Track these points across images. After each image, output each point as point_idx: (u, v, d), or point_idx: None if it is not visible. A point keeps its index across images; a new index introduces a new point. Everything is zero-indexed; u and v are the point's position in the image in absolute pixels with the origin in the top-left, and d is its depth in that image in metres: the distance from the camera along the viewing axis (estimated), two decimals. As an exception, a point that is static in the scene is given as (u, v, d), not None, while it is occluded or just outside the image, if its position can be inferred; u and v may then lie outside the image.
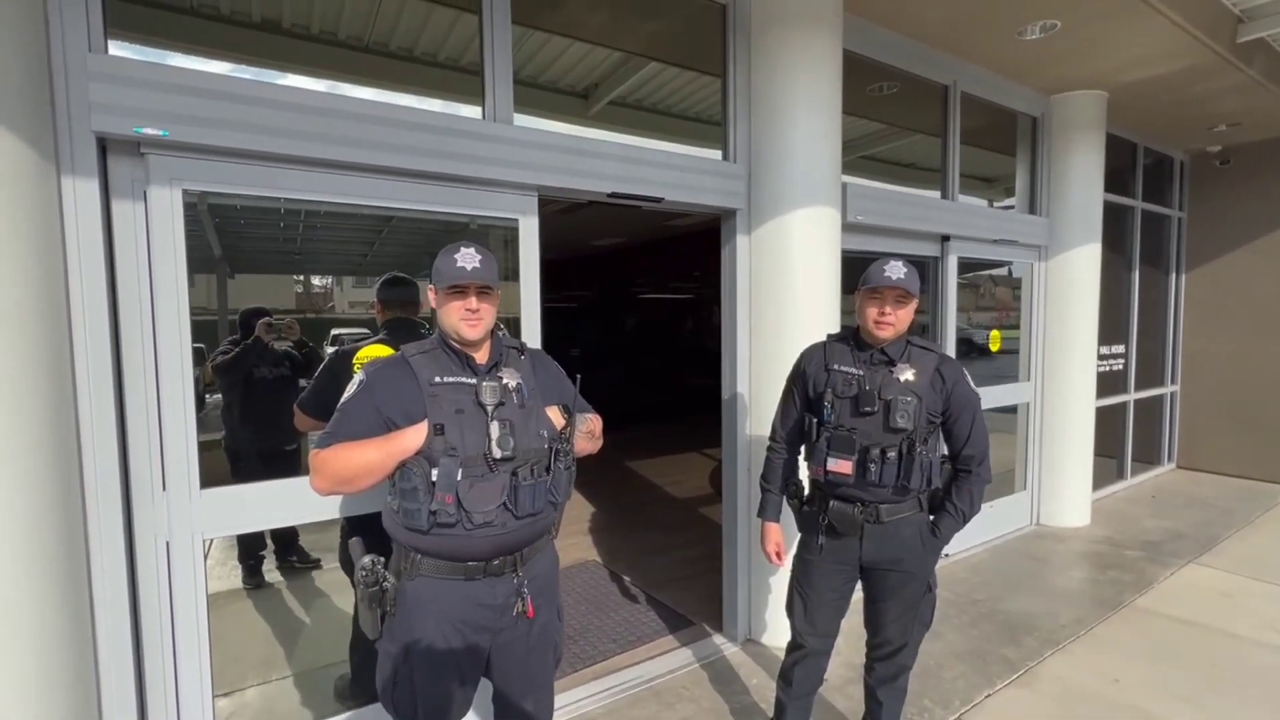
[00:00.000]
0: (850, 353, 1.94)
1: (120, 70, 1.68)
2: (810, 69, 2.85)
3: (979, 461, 1.89)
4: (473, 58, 2.38)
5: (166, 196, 1.78)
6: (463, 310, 1.45)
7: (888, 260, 1.86)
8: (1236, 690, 2.66)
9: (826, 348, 2.01)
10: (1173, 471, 6.28)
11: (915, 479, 1.83)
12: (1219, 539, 4.41)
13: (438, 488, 1.39)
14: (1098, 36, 3.60)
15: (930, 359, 1.89)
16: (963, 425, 1.88)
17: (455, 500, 1.39)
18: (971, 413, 1.89)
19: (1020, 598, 3.54)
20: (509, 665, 1.58)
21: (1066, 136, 4.54)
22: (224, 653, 2.16)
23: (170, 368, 1.82)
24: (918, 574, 1.94)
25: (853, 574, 2.00)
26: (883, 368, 1.88)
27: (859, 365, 1.90)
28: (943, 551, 4.09)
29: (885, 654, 2.04)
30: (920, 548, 1.92)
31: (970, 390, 1.90)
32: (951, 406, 1.88)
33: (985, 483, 1.92)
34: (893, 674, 2.06)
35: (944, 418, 1.90)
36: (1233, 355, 5.99)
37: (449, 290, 1.45)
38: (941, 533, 1.93)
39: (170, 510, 1.84)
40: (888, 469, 1.82)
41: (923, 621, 2.01)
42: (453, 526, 1.41)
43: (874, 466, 1.82)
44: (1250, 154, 5.77)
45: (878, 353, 1.89)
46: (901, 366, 1.87)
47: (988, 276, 4.82)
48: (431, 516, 1.40)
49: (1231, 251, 5.97)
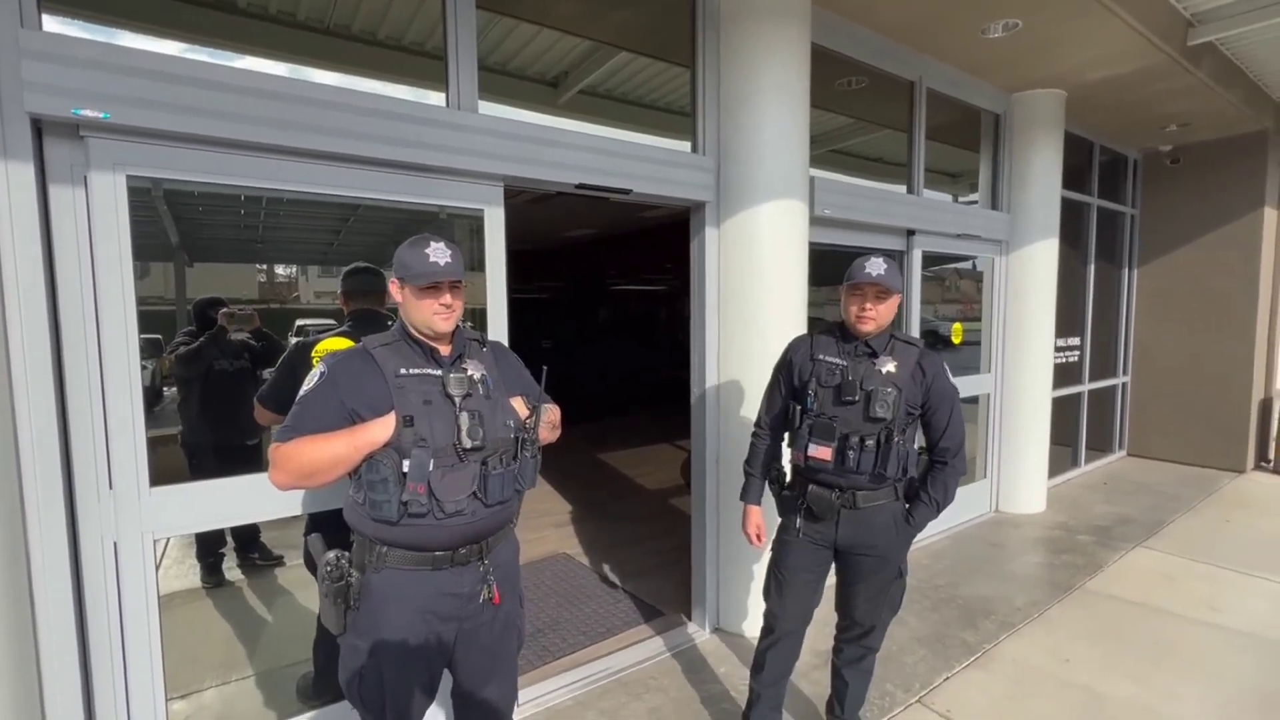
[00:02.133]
0: (836, 344, 2.00)
1: (55, 48, 1.59)
2: (779, 62, 2.86)
3: (954, 453, 1.95)
4: (438, 43, 2.32)
5: (109, 182, 1.70)
6: (436, 305, 1.46)
7: (869, 257, 1.91)
8: (1177, 667, 2.80)
9: (814, 339, 2.07)
10: (1124, 459, 6.54)
11: (892, 467, 1.89)
12: (1164, 523, 4.62)
13: (410, 478, 1.40)
14: (1058, 36, 3.69)
15: (912, 352, 1.95)
16: (940, 417, 1.95)
17: (427, 490, 1.40)
18: (949, 405, 1.95)
19: (979, 582, 3.66)
20: (473, 653, 1.59)
21: (1027, 134, 4.65)
22: (180, 654, 2.10)
23: (115, 361, 1.74)
24: (890, 559, 2.00)
25: (827, 557, 2.06)
26: (866, 359, 1.94)
27: (843, 356, 1.96)
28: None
29: (854, 636, 2.11)
30: (894, 534, 1.98)
31: (949, 384, 1.96)
32: (931, 399, 1.94)
33: (960, 474, 1.98)
34: (859, 656, 2.14)
35: (923, 410, 1.96)
36: (1181, 347, 6.25)
37: (424, 287, 1.45)
38: (915, 520, 1.99)
39: (117, 510, 1.77)
40: (866, 457, 1.88)
41: (891, 606, 2.08)
42: (424, 516, 1.42)
43: (853, 454, 1.88)
44: (1199, 154, 6.00)
45: (862, 345, 1.95)
46: (884, 359, 1.93)
47: (952, 270, 4.92)
48: (403, 507, 1.41)
49: (1180, 247, 6.21)
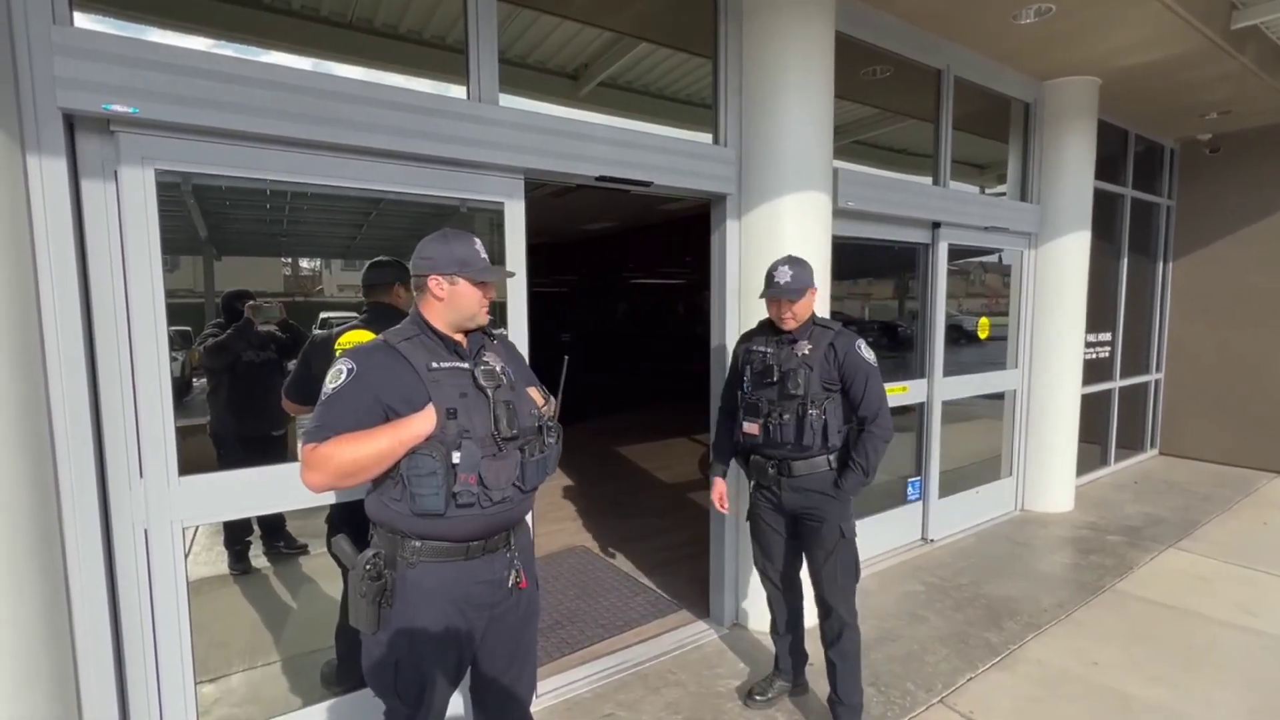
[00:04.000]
0: (766, 336, 2.30)
1: (86, 43, 1.62)
2: (802, 51, 2.81)
3: (873, 420, 2.16)
4: (459, 36, 2.32)
5: (138, 176, 1.73)
6: (483, 299, 1.53)
7: (778, 265, 2.16)
8: (1210, 671, 2.72)
9: (753, 333, 2.38)
10: (1155, 458, 6.37)
11: (808, 437, 2.15)
12: (1198, 524, 4.49)
13: (460, 469, 1.41)
14: (1093, 20, 3.57)
15: (827, 335, 2.21)
16: (857, 388, 2.17)
17: (478, 480, 1.43)
18: (864, 376, 2.17)
19: (1003, 582, 3.59)
20: (499, 639, 1.60)
21: (1059, 123, 4.52)
22: (209, 639, 2.15)
23: (145, 352, 1.78)
24: (829, 519, 2.21)
25: (784, 521, 2.33)
26: (788, 346, 2.22)
27: (770, 345, 2.26)
28: (930, 538, 4.12)
29: (823, 611, 2.28)
30: (828, 498, 2.21)
31: (860, 358, 2.18)
32: (845, 373, 2.17)
33: (884, 440, 2.17)
34: (836, 632, 2.26)
35: (842, 383, 2.19)
36: (1217, 343, 6.05)
37: (482, 282, 1.51)
38: (845, 484, 2.19)
39: (148, 498, 1.81)
40: (785, 429, 2.17)
41: (845, 570, 2.24)
42: (471, 507, 1.44)
43: (774, 427, 2.19)
44: (1240, 142, 5.78)
45: (787, 335, 2.24)
46: (801, 344, 2.20)
47: (977, 264, 4.82)
48: (452, 499, 1.41)
49: (1219, 240, 6.00)
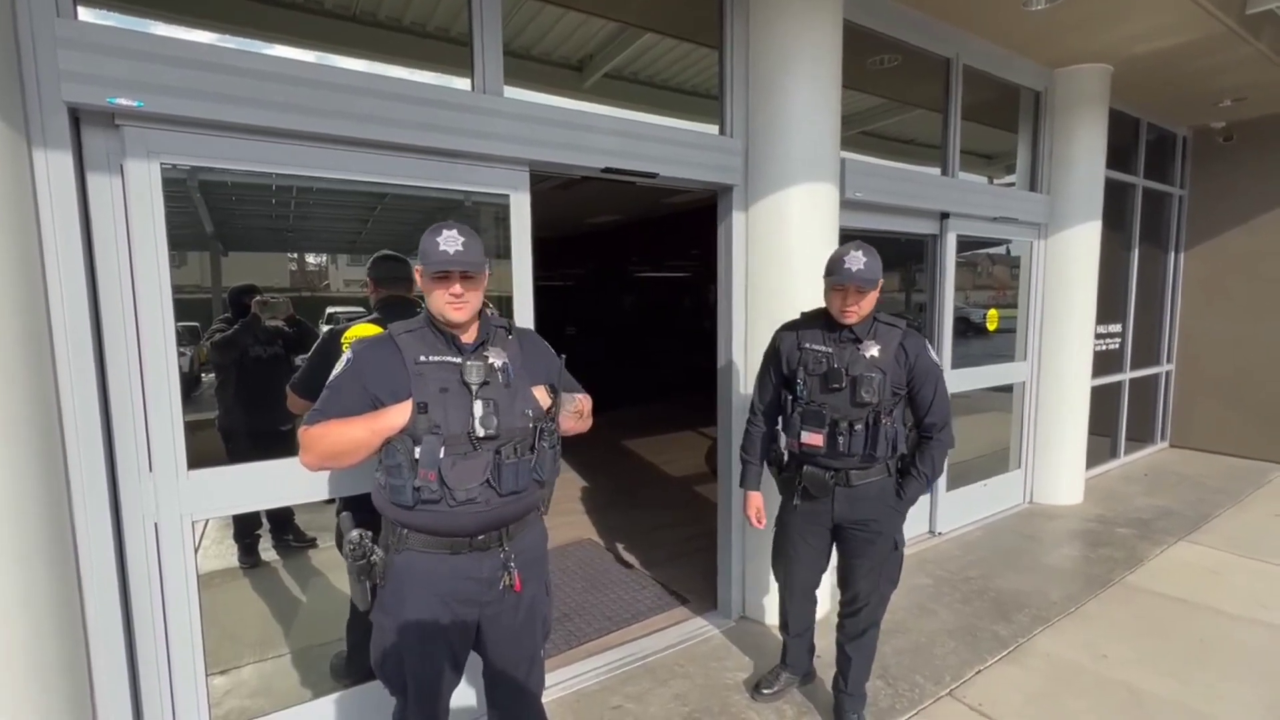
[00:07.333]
0: (821, 332, 2.06)
1: (90, 37, 1.61)
2: (810, 40, 2.77)
3: (940, 428, 2.02)
4: (462, 28, 2.30)
5: (144, 170, 1.72)
6: (447, 295, 1.46)
7: (848, 250, 1.93)
8: (1222, 665, 2.70)
9: (799, 327, 2.13)
10: (1166, 450, 6.32)
11: (881, 448, 1.96)
12: (1209, 517, 4.45)
13: (420, 465, 1.42)
14: (1105, 7, 3.51)
15: (895, 334, 2.00)
16: (925, 395, 2.00)
17: (438, 477, 1.42)
18: (934, 383, 2.00)
19: (1012, 575, 3.58)
20: (499, 638, 1.62)
21: (1069, 112, 4.46)
22: (219, 631, 2.17)
23: (153, 347, 1.78)
24: (885, 532, 2.06)
25: (826, 533, 2.15)
26: (850, 345, 2.00)
27: (829, 344, 2.02)
28: (937, 531, 4.12)
29: (853, 610, 2.17)
30: (887, 508, 2.05)
31: (931, 362, 2.01)
32: (914, 378, 1.99)
33: (948, 447, 2.05)
34: (860, 629, 2.16)
35: (908, 388, 2.01)
36: (1230, 335, 5.98)
37: (435, 276, 1.45)
38: (907, 494, 2.05)
39: (157, 492, 1.82)
40: (855, 440, 1.96)
41: (889, 579, 2.12)
42: (437, 503, 1.45)
43: (843, 438, 1.97)
44: (1254, 130, 5.69)
45: (846, 331, 2.01)
46: (868, 344, 1.98)
47: (985, 255, 4.77)
48: (416, 493, 1.43)
49: (1231, 230, 5.91)
